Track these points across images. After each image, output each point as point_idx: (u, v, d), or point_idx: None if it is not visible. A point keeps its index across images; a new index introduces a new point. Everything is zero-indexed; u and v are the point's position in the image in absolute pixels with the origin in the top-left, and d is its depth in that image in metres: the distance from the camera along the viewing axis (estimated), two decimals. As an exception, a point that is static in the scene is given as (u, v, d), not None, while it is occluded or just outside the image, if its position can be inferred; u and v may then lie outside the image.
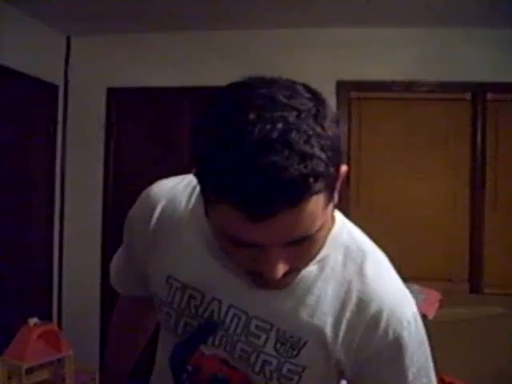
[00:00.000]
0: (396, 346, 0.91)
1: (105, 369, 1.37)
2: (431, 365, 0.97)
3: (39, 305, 3.47)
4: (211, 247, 0.92)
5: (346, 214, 1.00)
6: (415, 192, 3.39)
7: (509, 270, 3.27)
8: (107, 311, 3.53)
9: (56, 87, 3.60)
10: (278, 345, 0.92)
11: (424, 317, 0.97)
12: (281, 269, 0.78)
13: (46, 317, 3.33)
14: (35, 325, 3.07)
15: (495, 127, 3.33)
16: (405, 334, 0.91)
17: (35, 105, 3.43)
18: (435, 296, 3.04)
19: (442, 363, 1.16)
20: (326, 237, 0.86)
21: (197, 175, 0.77)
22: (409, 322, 0.91)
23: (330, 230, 0.91)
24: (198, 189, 0.95)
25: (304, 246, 0.79)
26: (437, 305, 3.00)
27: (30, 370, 3.00)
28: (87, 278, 3.60)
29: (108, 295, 3.51)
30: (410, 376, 0.92)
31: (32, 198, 3.45)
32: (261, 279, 0.81)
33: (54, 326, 3.28)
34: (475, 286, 3.32)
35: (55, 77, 3.59)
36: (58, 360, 3.18)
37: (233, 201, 0.71)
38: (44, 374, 3.17)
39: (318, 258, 0.91)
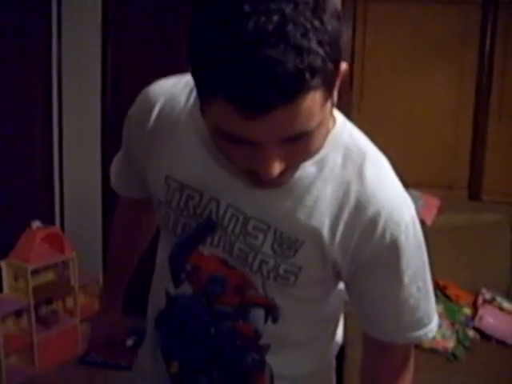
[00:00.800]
0: (393, 249, 0.91)
1: (108, 270, 1.40)
2: (427, 269, 0.98)
3: (41, 209, 3.50)
4: (208, 146, 0.91)
5: (348, 117, 0.97)
6: (419, 100, 3.33)
7: (509, 178, 3.27)
8: (109, 214, 3.56)
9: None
10: (276, 245, 0.93)
11: (422, 223, 0.97)
12: (277, 167, 0.77)
13: (48, 221, 3.37)
14: (38, 228, 3.12)
15: (506, 33, 3.20)
16: (402, 237, 0.91)
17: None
18: (434, 202, 3.06)
19: (437, 267, 1.18)
20: (324, 136, 0.84)
21: (192, 71, 0.74)
22: (407, 226, 0.91)
23: (329, 129, 0.89)
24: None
25: (301, 144, 0.77)
26: (435, 211, 3.02)
27: (35, 272, 3.08)
28: (88, 182, 3.61)
29: (109, 199, 3.53)
30: (406, 279, 0.94)
31: (30, 97, 3.39)
32: (257, 177, 0.80)
33: (56, 229, 3.34)
34: (474, 193, 3.34)
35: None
36: (62, 262, 3.26)
37: (226, 96, 0.69)
38: (49, 276, 3.27)
39: (317, 158, 0.89)
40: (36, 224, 3.13)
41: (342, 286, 1.04)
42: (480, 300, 2.82)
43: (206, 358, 1.04)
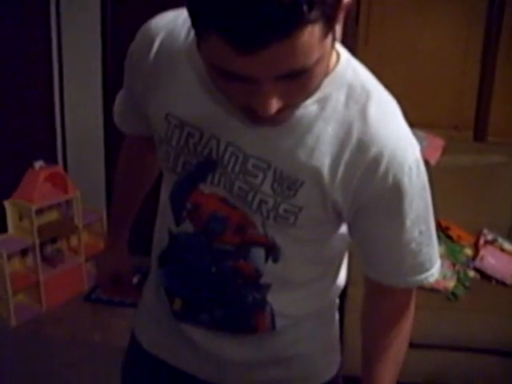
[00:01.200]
0: (395, 191, 0.89)
1: (113, 208, 1.40)
2: (431, 213, 0.96)
3: (44, 149, 3.49)
4: (207, 84, 0.89)
5: (354, 53, 0.94)
6: (426, 38, 3.25)
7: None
8: (111, 153, 3.57)
9: None
10: (275, 184, 0.91)
11: (426, 163, 0.96)
12: (274, 104, 0.75)
13: (51, 160, 3.36)
14: (41, 168, 3.12)
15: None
16: (405, 179, 0.89)
17: None
18: (438, 143, 3.03)
19: (440, 208, 1.17)
20: (323, 73, 0.81)
21: (187, 6, 0.71)
22: (410, 168, 0.89)
23: (331, 67, 0.86)
24: None
25: (299, 81, 0.74)
26: (440, 151, 3.00)
27: (39, 212, 3.10)
28: (90, 120, 3.58)
29: (111, 137, 3.52)
30: (408, 222, 0.93)
31: (30, 36, 3.32)
32: (255, 115, 0.78)
33: (59, 168, 3.33)
34: (480, 134, 3.30)
35: None
36: (66, 201, 3.28)
37: (220, 30, 0.66)
38: (53, 215, 3.29)
39: (319, 97, 0.87)
40: (39, 164, 3.12)
41: (344, 228, 1.03)
42: (481, 241, 2.83)
43: (207, 296, 1.05)
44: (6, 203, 3.06)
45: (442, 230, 2.82)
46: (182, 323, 1.11)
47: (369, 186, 0.89)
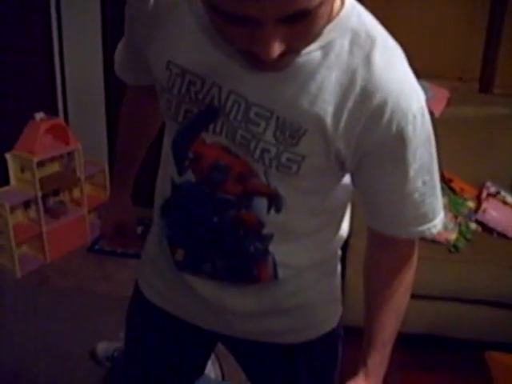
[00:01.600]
0: (399, 140, 0.88)
1: (116, 158, 1.40)
2: (435, 163, 0.95)
3: (44, 100, 3.45)
4: (208, 30, 0.87)
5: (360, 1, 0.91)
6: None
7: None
8: (112, 104, 3.54)
9: None
10: (278, 133, 0.90)
11: (431, 114, 0.93)
12: (276, 47, 0.73)
13: (51, 112, 3.34)
14: (42, 120, 3.10)
15: None
16: (409, 128, 0.88)
17: None
18: (443, 94, 2.99)
19: (443, 160, 1.16)
20: (326, 17, 0.78)
21: None
22: (414, 116, 0.88)
23: (334, 12, 0.84)
24: None
25: (302, 24, 0.73)
26: (444, 103, 2.96)
27: (41, 164, 3.10)
28: (90, 72, 3.53)
29: (112, 88, 3.49)
30: (411, 172, 0.92)
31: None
32: (257, 60, 0.76)
33: (60, 120, 3.31)
34: (485, 86, 3.25)
35: None
36: (68, 153, 3.27)
37: None
38: (55, 167, 3.28)
39: (323, 43, 0.85)
40: (39, 115, 3.10)
41: (348, 178, 1.02)
42: (484, 193, 2.83)
43: (209, 246, 1.05)
44: (8, 155, 3.05)
45: (445, 182, 2.81)
46: (184, 273, 1.11)
47: (372, 134, 0.88)
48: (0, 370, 2.31)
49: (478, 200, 2.82)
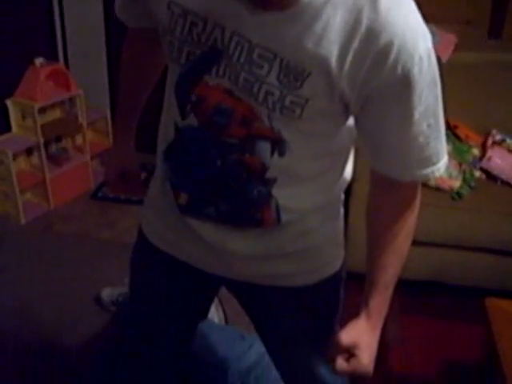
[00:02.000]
0: (404, 82, 0.87)
1: (119, 104, 1.39)
2: (441, 107, 0.94)
3: (44, 46, 3.39)
4: None
5: None
6: None
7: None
8: (113, 49, 3.47)
9: None
10: (282, 75, 0.89)
11: (438, 59, 0.91)
12: None
13: (51, 58, 3.28)
14: (42, 65, 3.06)
15: None
16: (415, 69, 0.86)
17: None
18: (451, 39, 2.93)
19: (449, 106, 1.14)
20: None
21: None
22: (421, 58, 0.86)
23: None
24: None
25: None
26: (452, 48, 2.90)
27: (42, 110, 3.07)
28: (90, 15, 3.45)
29: (113, 33, 3.42)
30: (416, 115, 0.91)
31: None
32: None
33: (60, 65, 3.27)
34: (494, 31, 3.17)
35: None
36: (69, 100, 3.24)
37: None
38: (56, 114, 3.26)
39: None
40: (39, 61, 3.06)
41: (352, 121, 1.01)
42: (490, 141, 2.80)
43: (212, 190, 1.05)
44: (8, 102, 3.03)
45: (451, 129, 2.79)
46: (187, 217, 1.11)
47: (378, 75, 0.86)
48: (6, 315, 2.35)
49: (483, 147, 2.80)
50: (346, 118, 1.00)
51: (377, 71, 0.86)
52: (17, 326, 2.30)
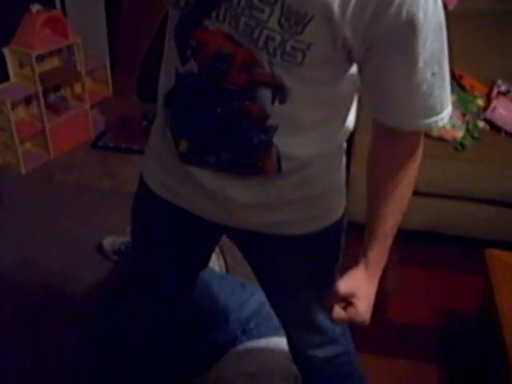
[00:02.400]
0: (408, 28, 0.84)
1: (119, 51, 1.37)
2: (446, 55, 0.92)
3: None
4: None
5: None
6: None
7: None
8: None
9: None
10: (283, 20, 0.86)
11: (444, 7, 0.88)
12: None
13: (48, 4, 3.21)
14: (38, 12, 2.99)
15: None
16: (420, 14, 0.83)
17: None
18: (458, -14, 2.85)
19: (454, 56, 1.11)
20: None
21: None
22: (426, 2, 0.83)
23: None
24: None
25: None
26: (459, -4, 2.83)
27: (40, 59, 3.02)
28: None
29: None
30: (421, 62, 0.88)
31: None
32: None
33: (58, 12, 3.20)
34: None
35: None
36: (67, 48, 3.18)
37: None
38: (54, 62, 3.21)
39: None
40: (35, 7, 2.99)
41: (354, 69, 0.98)
42: (495, 91, 2.76)
43: (213, 138, 1.04)
44: (5, 50, 2.98)
45: (455, 79, 2.74)
46: (187, 165, 1.10)
47: (381, 21, 0.84)
48: (7, 265, 2.37)
49: (488, 98, 2.76)
50: (349, 65, 0.97)
51: (381, 16, 0.83)
52: (19, 276, 2.32)
